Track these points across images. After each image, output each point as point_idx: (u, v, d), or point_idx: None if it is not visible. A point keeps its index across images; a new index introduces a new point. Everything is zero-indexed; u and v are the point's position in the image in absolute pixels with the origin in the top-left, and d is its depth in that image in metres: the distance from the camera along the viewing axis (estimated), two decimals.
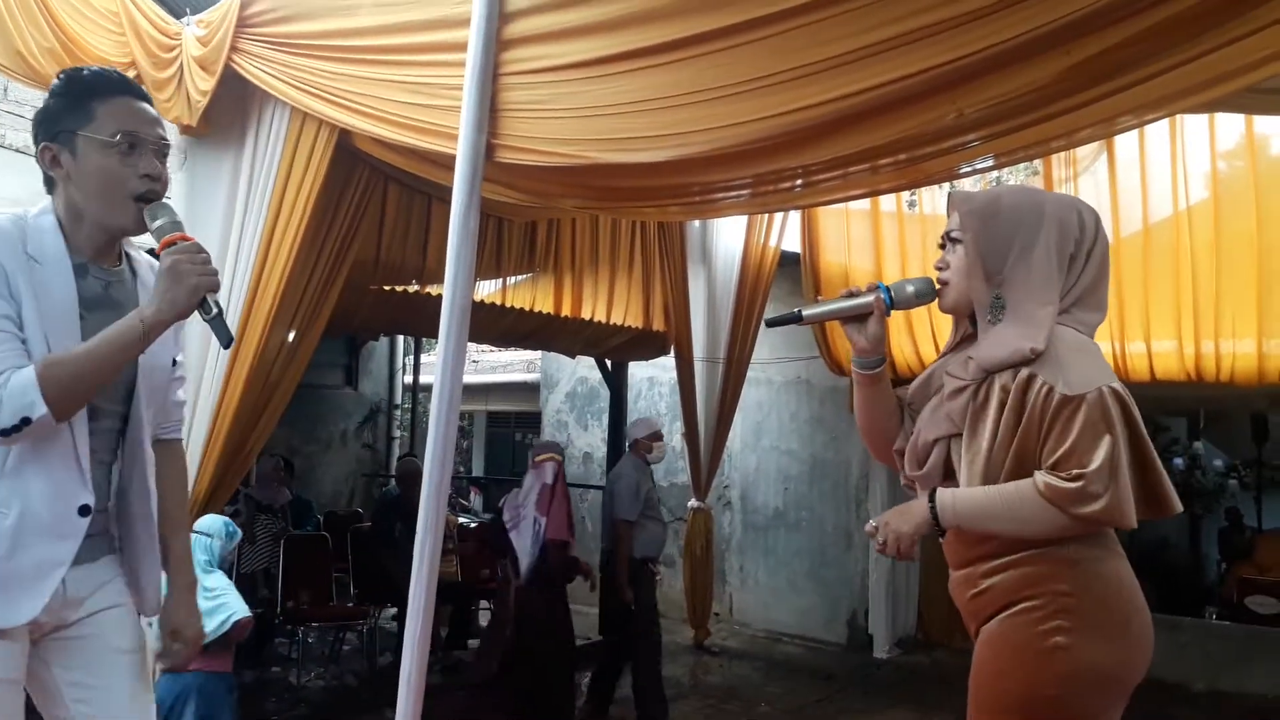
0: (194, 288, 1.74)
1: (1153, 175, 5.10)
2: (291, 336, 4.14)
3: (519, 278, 6.22)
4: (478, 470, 16.59)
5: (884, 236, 6.18)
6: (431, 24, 3.16)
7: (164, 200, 1.85)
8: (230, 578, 6.03)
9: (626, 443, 5.79)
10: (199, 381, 4.01)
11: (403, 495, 6.55)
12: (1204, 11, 2.06)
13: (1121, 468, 1.74)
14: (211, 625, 3.39)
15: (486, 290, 6.00)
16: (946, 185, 5.49)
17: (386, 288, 5.40)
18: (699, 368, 6.93)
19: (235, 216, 3.99)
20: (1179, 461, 9.46)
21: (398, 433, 11.53)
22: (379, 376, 11.25)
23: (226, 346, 1.90)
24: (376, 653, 6.42)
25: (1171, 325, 5.12)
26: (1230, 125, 4.82)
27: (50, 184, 1.86)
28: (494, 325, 6.08)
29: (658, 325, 6.77)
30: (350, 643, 6.75)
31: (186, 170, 4.17)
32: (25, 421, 1.65)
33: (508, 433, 16.37)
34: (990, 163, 2.90)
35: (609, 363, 7.51)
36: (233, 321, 3.90)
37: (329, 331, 4.37)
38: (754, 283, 6.86)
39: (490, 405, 15.39)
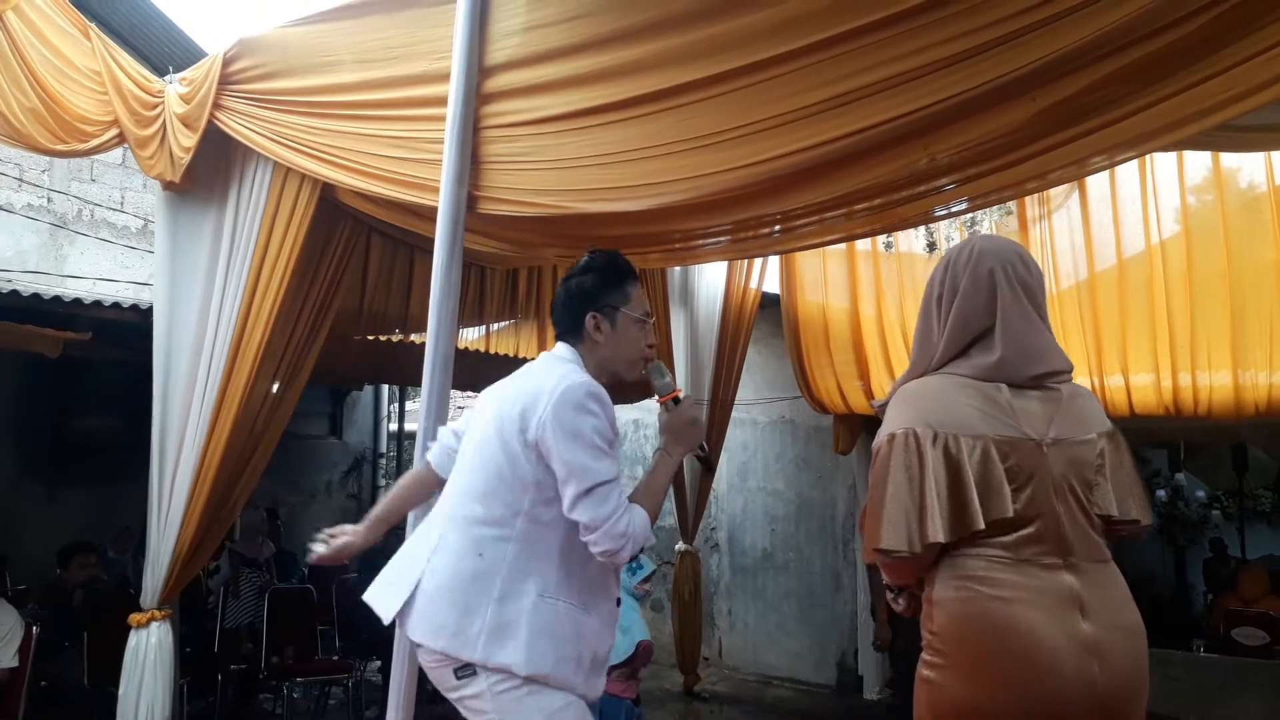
0: (703, 432, 2.32)
1: (1124, 211, 5.17)
2: (276, 387, 4.14)
3: (501, 324, 6.25)
4: None
5: (860, 276, 6.24)
6: (412, 79, 3.21)
7: (657, 361, 2.35)
8: (216, 631, 6.01)
9: None
10: (183, 434, 4.01)
11: (389, 545, 6.49)
12: (1164, 57, 2.12)
13: (876, 508, 1.95)
14: (618, 649, 3.80)
15: (470, 337, 6.01)
16: (922, 229, 5.59)
17: (370, 337, 5.41)
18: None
19: (219, 269, 4.00)
20: (1161, 493, 9.50)
21: (383, 481, 11.46)
22: (364, 425, 11.21)
23: (710, 471, 2.35)
24: (363, 706, 6.33)
25: (1148, 359, 5.17)
26: (1199, 160, 4.91)
27: (575, 339, 2.28)
28: (478, 372, 6.08)
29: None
30: (336, 697, 6.65)
31: (169, 225, 4.20)
32: (641, 550, 2.13)
33: None
34: (964, 205, 2.96)
35: None
36: (216, 373, 3.91)
37: (313, 381, 4.38)
38: (736, 324, 6.90)
39: None
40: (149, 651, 3.98)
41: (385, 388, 11.21)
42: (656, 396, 2.31)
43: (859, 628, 7.20)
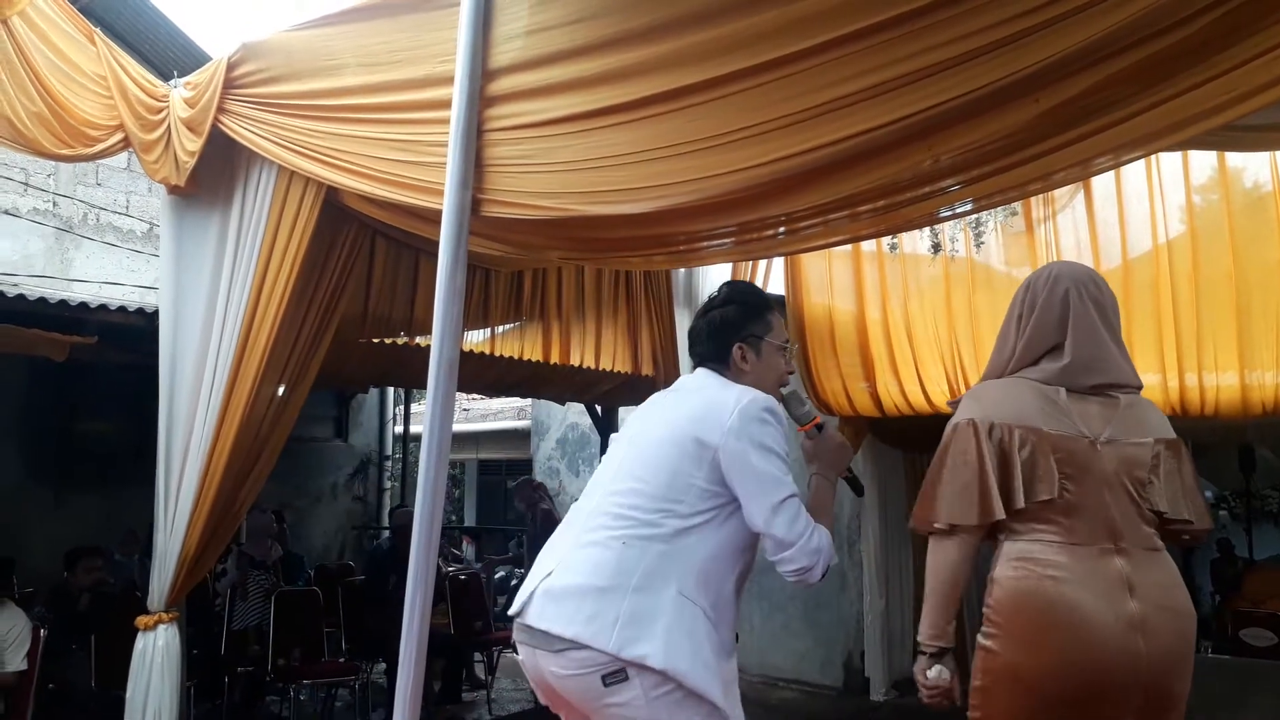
0: (850, 455, 2.37)
1: (1130, 211, 5.17)
2: (281, 391, 4.14)
3: (506, 326, 6.25)
4: (470, 519, 16.50)
5: (865, 278, 6.23)
6: (416, 83, 3.21)
7: (795, 391, 2.40)
8: (223, 634, 6.02)
9: None
10: (189, 437, 4.02)
11: (397, 547, 6.50)
12: (1167, 58, 2.11)
13: (931, 487, 2.22)
14: None
15: (474, 339, 6.02)
16: (927, 230, 5.58)
17: (375, 340, 5.42)
18: None
19: (223, 274, 4.01)
20: None
21: (389, 484, 11.47)
22: (369, 428, 11.22)
23: (860, 494, 2.56)
24: (369, 709, 6.33)
25: (1155, 359, 5.16)
26: (1204, 160, 4.90)
27: (721, 367, 2.33)
28: (483, 375, 6.10)
29: (646, 370, 6.79)
30: (343, 699, 6.66)
31: (174, 229, 4.21)
32: (827, 570, 2.15)
33: (499, 480, 16.30)
34: (969, 206, 2.95)
35: (599, 408, 7.52)
36: (221, 377, 3.92)
37: (318, 384, 4.38)
38: None
39: (481, 453, 15.34)
40: (156, 654, 3.98)
41: (390, 390, 11.22)
42: (797, 426, 2.34)
43: (865, 629, 7.19)
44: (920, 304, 6.00)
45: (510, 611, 2.19)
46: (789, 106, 2.47)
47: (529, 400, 10.59)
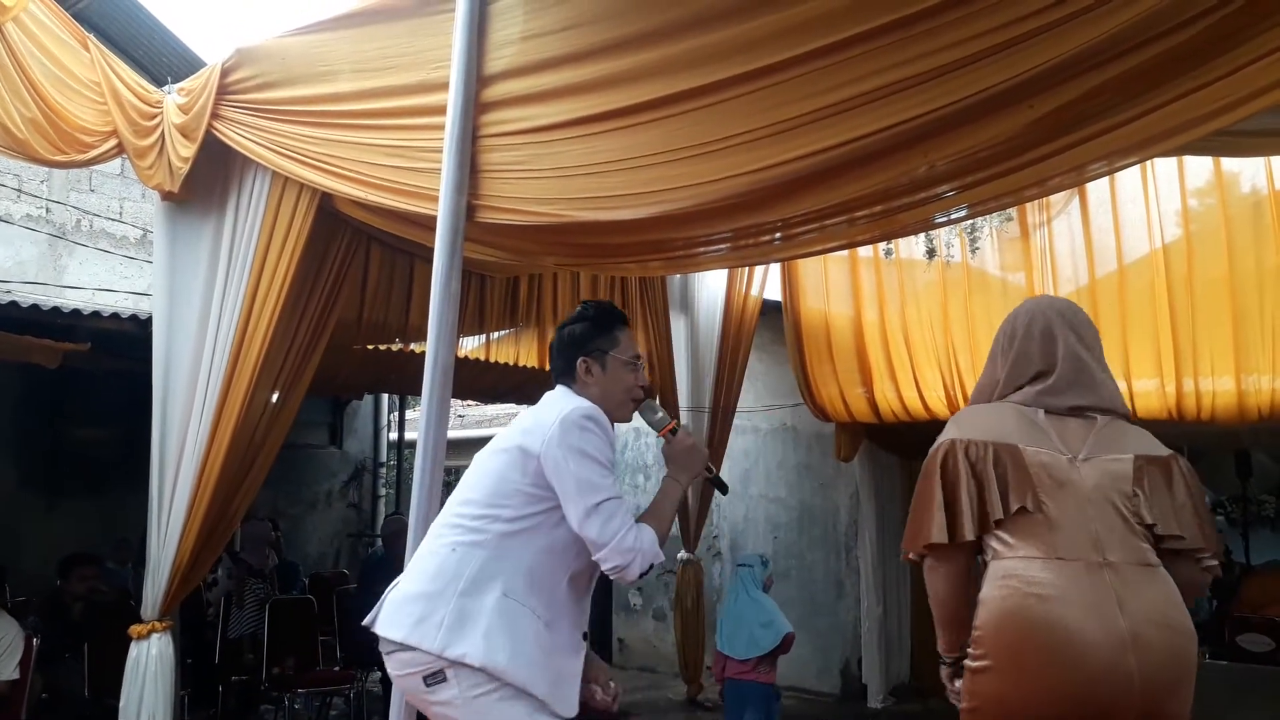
0: (704, 458, 2.45)
1: (1125, 216, 5.17)
2: (275, 397, 4.13)
3: (502, 332, 6.24)
4: None
5: (862, 283, 6.23)
6: (411, 88, 3.21)
7: (648, 400, 2.47)
8: (217, 642, 5.99)
9: None
10: (182, 445, 4.00)
11: (390, 555, 6.48)
12: (1161, 64, 2.12)
13: (914, 512, 2.20)
14: (767, 640, 4.68)
15: (470, 345, 6.00)
16: (922, 235, 5.59)
17: (370, 346, 5.41)
18: (684, 417, 6.93)
19: (217, 280, 4.00)
20: None
21: (383, 491, 11.43)
22: (364, 435, 11.19)
23: (724, 493, 2.76)
24: (364, 717, 6.30)
25: (1151, 364, 5.16)
26: (1200, 165, 4.90)
27: (569, 381, 2.40)
28: (478, 381, 6.09)
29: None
30: (337, 708, 6.63)
31: (168, 235, 4.19)
32: (651, 568, 2.21)
33: None
34: (964, 212, 2.95)
35: None
36: (215, 384, 3.91)
37: (312, 391, 4.37)
38: (737, 331, 6.90)
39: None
40: (150, 663, 3.96)
41: (385, 397, 11.18)
42: (656, 433, 2.46)
43: (862, 635, 7.17)
44: (916, 309, 5.99)
45: (364, 622, 2.31)
46: (785, 112, 2.47)
47: (524, 407, 10.57)
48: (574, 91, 2.83)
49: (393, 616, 2.22)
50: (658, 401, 2.50)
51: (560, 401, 2.32)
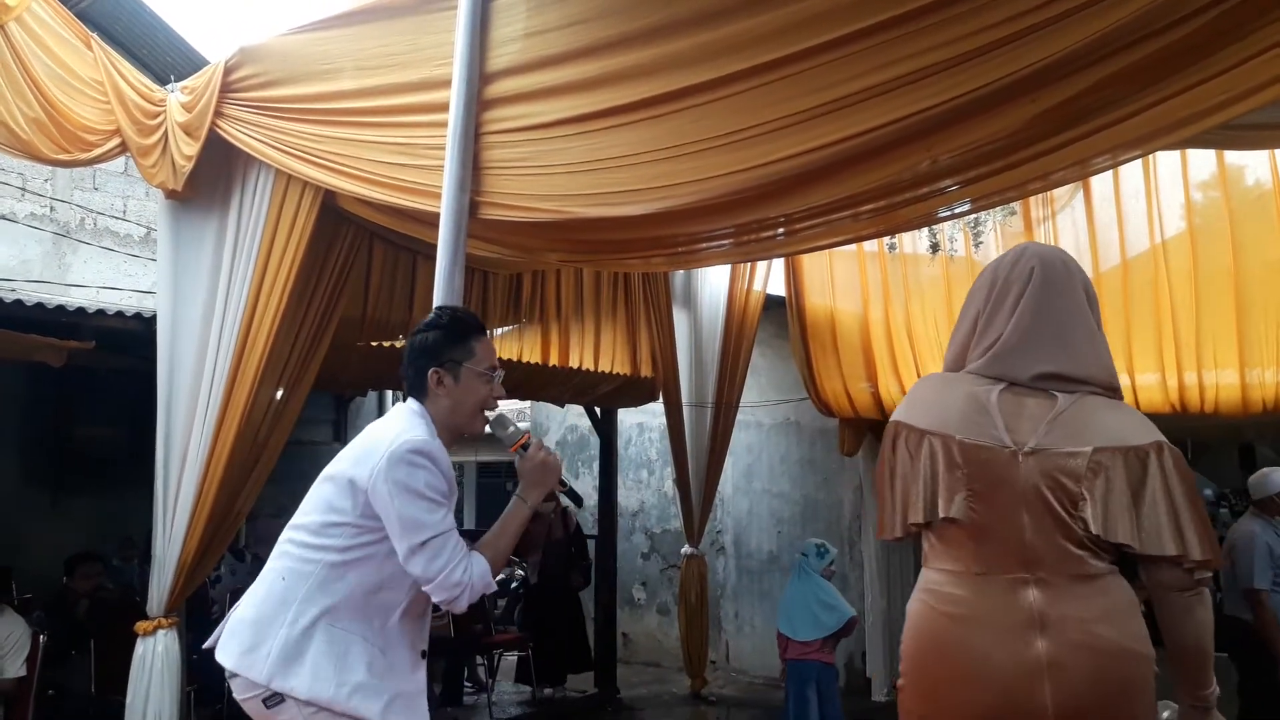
0: (557, 472, 2.33)
1: (1128, 209, 5.17)
2: (280, 394, 4.14)
3: (505, 329, 6.24)
4: (469, 522, 16.47)
5: (868, 278, 6.23)
6: (413, 86, 3.21)
7: (500, 414, 2.36)
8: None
9: (1252, 499, 5.02)
10: (187, 442, 4.01)
11: None
12: (1164, 58, 2.12)
13: (879, 492, 2.05)
14: (831, 621, 4.91)
15: None
16: (926, 230, 5.58)
17: (374, 343, 5.41)
18: (688, 412, 6.94)
19: (221, 277, 4.01)
20: None
21: None
22: None
23: (580, 505, 2.62)
24: None
25: (1154, 358, 5.16)
26: (1203, 157, 4.90)
27: (420, 394, 2.30)
28: None
29: (645, 371, 6.79)
30: None
31: (172, 234, 4.20)
32: (483, 599, 2.07)
33: (499, 483, 16.29)
34: (967, 206, 2.96)
35: (598, 410, 7.51)
36: (220, 381, 3.92)
37: (316, 387, 4.37)
38: (739, 327, 6.90)
39: (480, 455, 15.30)
40: (156, 659, 3.98)
41: (389, 393, 11.18)
42: (509, 448, 2.35)
43: (866, 629, 7.18)
44: (920, 304, 5.99)
45: (204, 645, 2.32)
46: (787, 108, 2.47)
47: (528, 402, 10.58)
48: (576, 88, 2.83)
49: (227, 643, 2.22)
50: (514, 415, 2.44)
51: (393, 428, 2.23)
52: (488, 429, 2.37)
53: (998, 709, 1.81)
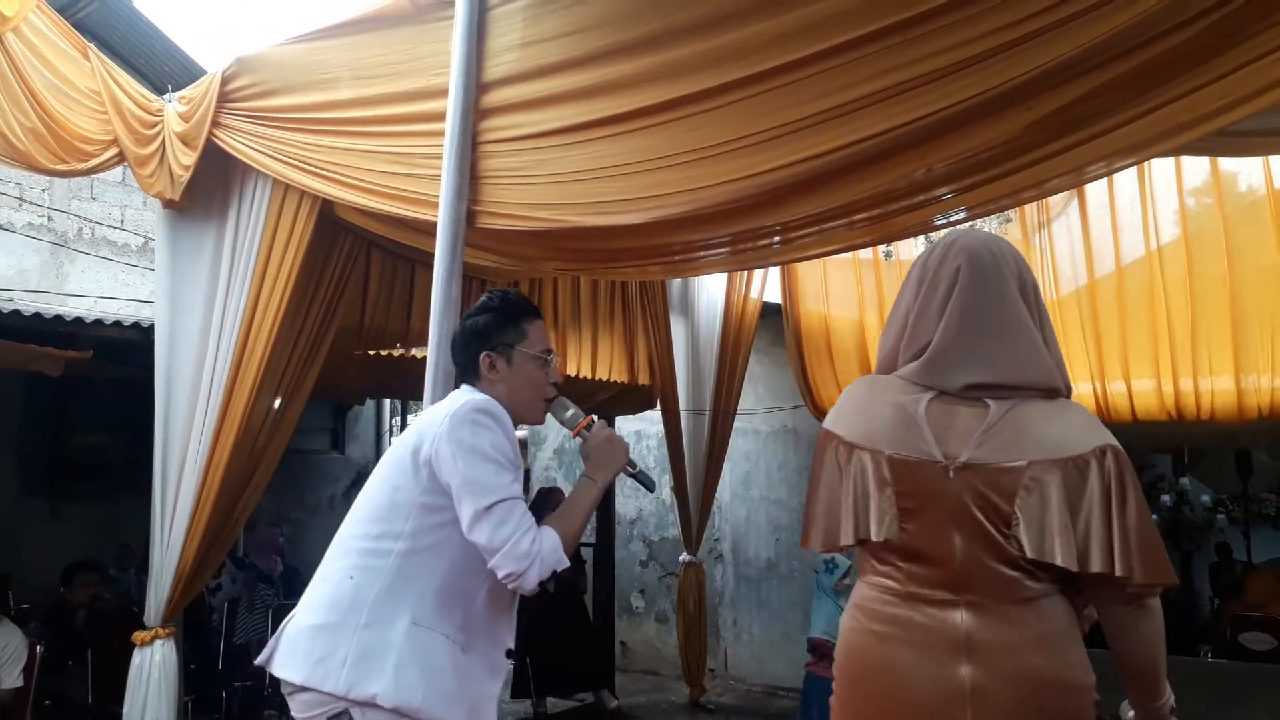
0: (625, 452, 2.26)
1: (1122, 216, 5.19)
2: (278, 403, 4.14)
3: None
4: None
5: (864, 285, 6.24)
6: (411, 95, 3.22)
7: (559, 397, 2.30)
8: (220, 648, 6.00)
9: None
10: (185, 451, 4.01)
11: None
12: (1160, 65, 2.13)
13: (808, 500, 1.92)
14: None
15: None
16: (921, 237, 5.59)
17: (372, 352, 5.41)
18: (685, 420, 6.94)
19: (219, 287, 4.01)
20: (1166, 498, 9.47)
21: None
22: (366, 439, 11.19)
23: (651, 490, 2.46)
24: None
25: (1150, 364, 5.17)
26: (1197, 165, 4.92)
27: (473, 379, 2.22)
28: None
29: (643, 379, 6.79)
30: None
31: (169, 243, 4.20)
32: (554, 575, 2.03)
33: None
34: (963, 214, 2.96)
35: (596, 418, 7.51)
36: (217, 390, 3.92)
37: (314, 396, 4.37)
38: (736, 334, 6.90)
39: None
40: (153, 669, 3.97)
41: (387, 402, 11.19)
42: (570, 431, 2.30)
43: None
44: None
45: (257, 661, 2.17)
46: (783, 116, 2.48)
47: None
48: (573, 97, 2.84)
49: (290, 655, 2.04)
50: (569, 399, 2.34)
51: (452, 400, 2.14)
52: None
53: None
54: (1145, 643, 1.75)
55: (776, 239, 3.09)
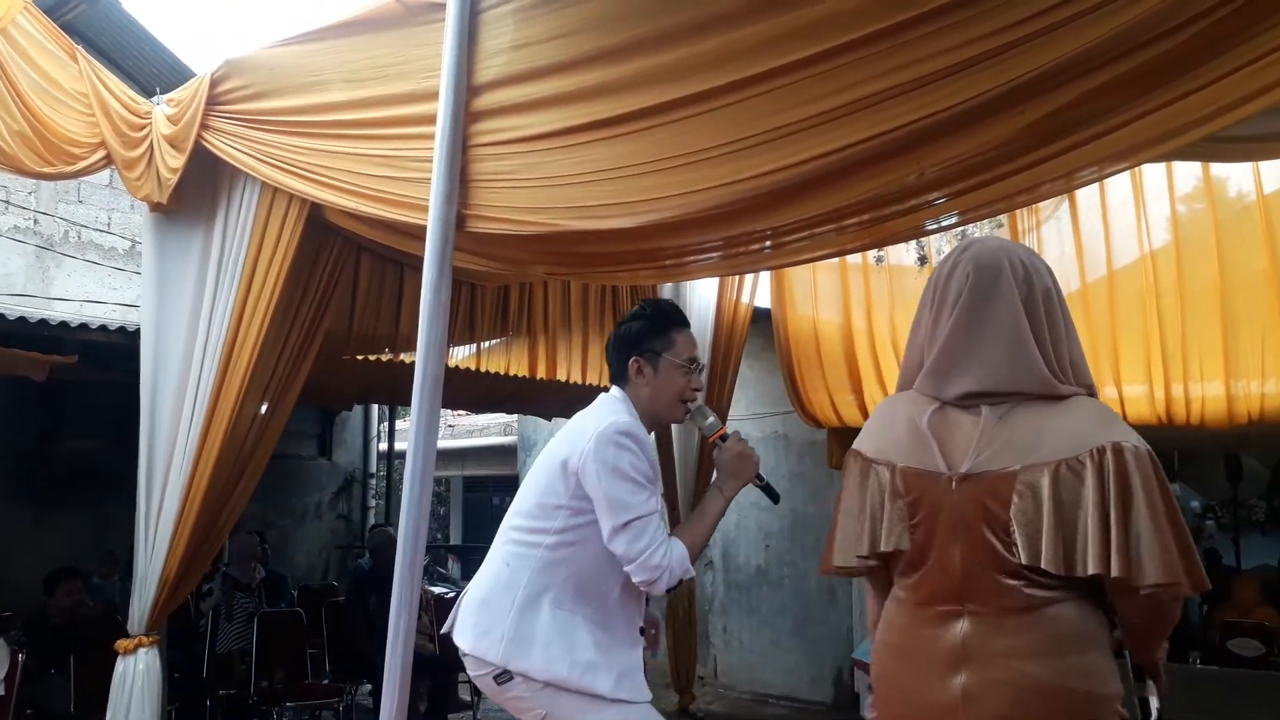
0: (755, 465, 2.47)
1: (1114, 221, 5.18)
2: (264, 408, 4.10)
3: (492, 341, 6.22)
4: (455, 537, 16.39)
5: (851, 289, 6.23)
6: (400, 98, 3.20)
7: (700, 405, 2.52)
8: (205, 656, 5.95)
9: None
10: (170, 456, 3.97)
11: (376, 567, 6.45)
12: (1153, 69, 2.12)
13: (833, 522, 1.97)
14: None
15: (461, 355, 5.98)
16: (914, 242, 5.59)
17: (360, 357, 5.39)
18: (675, 426, 6.92)
19: (206, 290, 3.98)
20: None
21: (373, 502, 11.39)
22: (353, 445, 11.16)
23: (776, 502, 2.67)
24: None
25: (1141, 369, 5.17)
26: (1188, 170, 4.92)
27: (622, 381, 2.49)
28: (469, 390, 6.07)
29: None
30: None
31: (156, 247, 4.17)
32: (680, 584, 2.32)
33: (485, 497, 16.21)
34: (955, 219, 2.95)
35: None
36: (204, 395, 3.88)
37: (302, 401, 4.34)
38: (728, 339, 6.88)
39: (466, 470, 15.23)
40: (136, 678, 3.92)
41: (375, 407, 11.16)
42: (708, 438, 2.52)
43: (854, 644, 7.16)
44: (905, 315, 5.98)
45: (442, 630, 2.50)
46: (775, 121, 2.47)
47: (515, 416, 10.55)
48: (565, 101, 2.82)
49: (461, 625, 2.40)
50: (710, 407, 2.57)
51: (600, 413, 2.39)
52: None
53: None
54: (1154, 637, 1.88)
55: (768, 244, 3.07)
